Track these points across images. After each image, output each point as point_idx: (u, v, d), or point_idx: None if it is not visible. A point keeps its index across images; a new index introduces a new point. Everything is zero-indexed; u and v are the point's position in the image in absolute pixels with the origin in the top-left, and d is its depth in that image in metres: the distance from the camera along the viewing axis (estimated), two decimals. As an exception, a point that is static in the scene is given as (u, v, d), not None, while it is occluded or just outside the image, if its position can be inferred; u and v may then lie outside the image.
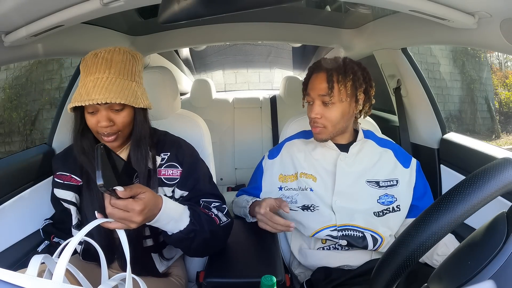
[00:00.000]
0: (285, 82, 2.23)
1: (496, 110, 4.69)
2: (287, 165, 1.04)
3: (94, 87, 0.75)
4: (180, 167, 0.87)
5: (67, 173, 0.89)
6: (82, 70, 0.80)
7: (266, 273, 0.62)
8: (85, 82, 0.78)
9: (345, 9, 1.40)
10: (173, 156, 0.88)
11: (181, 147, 0.91)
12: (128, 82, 0.79)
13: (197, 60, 2.58)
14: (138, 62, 0.84)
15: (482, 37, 0.87)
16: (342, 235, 0.93)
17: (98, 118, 0.79)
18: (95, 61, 0.78)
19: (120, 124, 0.81)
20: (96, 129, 0.81)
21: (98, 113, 0.79)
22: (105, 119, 0.78)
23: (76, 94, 0.77)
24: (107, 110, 0.79)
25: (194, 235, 0.75)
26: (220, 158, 2.12)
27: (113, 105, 0.79)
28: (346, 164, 0.99)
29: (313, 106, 0.97)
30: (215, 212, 0.84)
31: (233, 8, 0.66)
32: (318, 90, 0.95)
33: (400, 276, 0.45)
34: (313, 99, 0.97)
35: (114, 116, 0.80)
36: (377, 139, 1.07)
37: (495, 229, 0.42)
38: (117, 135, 0.82)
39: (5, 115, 3.90)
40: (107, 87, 0.76)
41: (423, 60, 4.16)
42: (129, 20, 1.39)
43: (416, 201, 0.99)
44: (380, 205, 0.96)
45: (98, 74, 0.77)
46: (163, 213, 0.70)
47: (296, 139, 1.09)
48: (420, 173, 1.03)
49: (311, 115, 0.97)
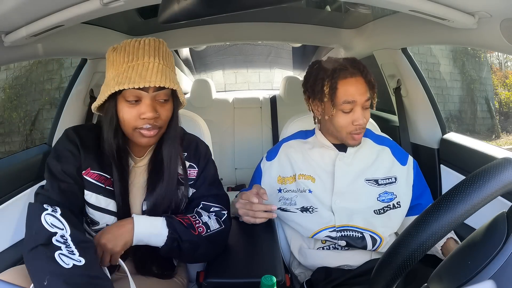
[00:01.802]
0: (285, 82, 2.23)
1: (496, 110, 4.69)
2: (285, 167, 1.03)
3: (147, 70, 0.68)
4: (196, 167, 0.85)
5: (107, 175, 0.76)
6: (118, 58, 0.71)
7: (266, 273, 0.62)
8: (130, 66, 0.69)
9: (345, 9, 1.40)
10: (191, 156, 0.86)
11: (198, 147, 0.88)
12: (173, 73, 0.75)
13: (197, 60, 2.58)
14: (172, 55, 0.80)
15: (482, 37, 0.87)
16: (341, 236, 0.93)
17: (141, 109, 0.70)
18: (141, 46, 0.71)
19: (164, 117, 0.74)
20: (135, 123, 0.71)
21: (142, 102, 0.70)
22: (151, 109, 0.70)
23: (122, 77, 0.68)
24: (152, 99, 0.71)
25: (177, 244, 0.74)
26: (220, 158, 2.11)
27: (159, 95, 0.72)
28: (345, 163, 0.99)
29: (357, 112, 0.91)
30: (205, 219, 0.80)
31: (233, 8, 0.66)
32: (363, 95, 0.90)
33: (400, 276, 0.45)
34: (356, 105, 0.91)
35: (159, 107, 0.72)
36: (374, 136, 1.06)
37: (495, 229, 0.42)
38: (158, 131, 0.74)
39: (5, 115, 3.90)
40: (162, 71, 0.69)
41: (423, 60, 4.16)
42: (129, 20, 1.39)
43: (417, 199, 1.00)
44: (380, 202, 0.96)
45: (148, 58, 0.70)
46: (138, 233, 0.71)
47: (293, 140, 1.07)
48: (417, 171, 1.03)
49: (359, 122, 0.91)
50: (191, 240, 0.76)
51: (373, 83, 0.93)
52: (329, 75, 0.91)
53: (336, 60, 0.95)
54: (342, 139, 0.97)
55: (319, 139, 1.03)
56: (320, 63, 0.97)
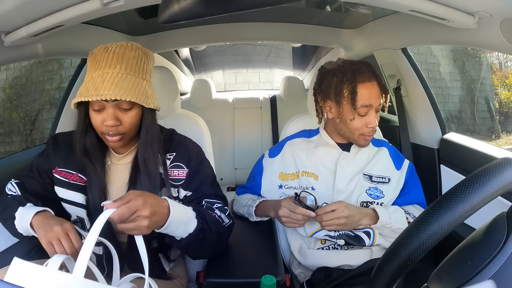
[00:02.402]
0: (285, 82, 2.23)
1: (496, 110, 4.69)
2: (289, 164, 1.04)
3: (103, 82, 0.71)
4: (186, 168, 0.85)
5: (72, 171, 0.83)
6: (89, 65, 0.75)
7: (266, 273, 0.62)
8: (92, 77, 0.73)
9: (345, 9, 1.40)
10: (180, 156, 0.86)
11: (188, 148, 0.88)
12: (139, 80, 0.75)
13: (197, 60, 2.58)
14: (150, 61, 0.80)
15: (482, 37, 0.87)
16: (340, 235, 0.94)
17: (104, 117, 0.74)
18: (106, 55, 0.73)
19: (127, 124, 0.76)
20: (101, 129, 0.76)
21: (105, 111, 0.74)
22: (111, 117, 0.73)
23: (83, 88, 0.73)
24: (114, 108, 0.74)
25: (203, 236, 0.74)
26: (220, 158, 2.11)
27: (121, 103, 0.74)
28: (347, 162, 1.00)
29: (371, 116, 0.93)
30: (218, 213, 0.83)
31: (233, 8, 0.66)
32: (378, 99, 0.93)
33: (400, 276, 0.45)
34: (371, 109, 0.93)
35: (121, 115, 0.75)
36: (373, 139, 1.07)
37: (495, 229, 0.42)
38: (122, 136, 0.77)
39: (5, 115, 3.90)
40: (117, 83, 0.71)
41: (423, 60, 4.16)
42: (129, 20, 1.39)
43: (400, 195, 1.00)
44: (368, 196, 0.97)
45: (108, 69, 0.72)
46: (173, 218, 0.69)
47: (298, 138, 1.09)
48: (411, 175, 1.03)
49: (373, 125, 0.93)
50: (218, 231, 0.77)
51: (386, 88, 0.95)
52: (348, 78, 0.91)
53: (351, 63, 0.95)
54: (353, 139, 0.98)
55: (323, 138, 1.04)
56: (334, 65, 0.97)
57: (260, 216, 1.01)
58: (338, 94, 0.92)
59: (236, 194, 1.15)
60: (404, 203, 1.00)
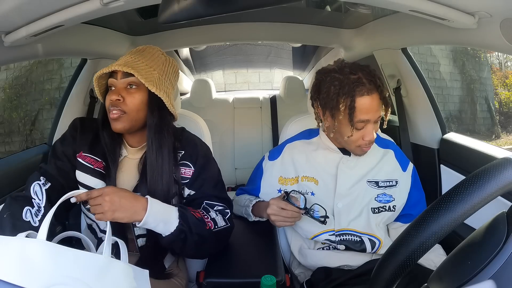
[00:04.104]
0: (285, 82, 2.23)
1: (496, 110, 4.69)
2: (288, 168, 1.02)
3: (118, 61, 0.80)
4: (193, 167, 0.86)
5: (98, 158, 0.85)
6: None
7: (266, 273, 0.62)
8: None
9: (345, 9, 1.40)
10: (188, 155, 0.87)
11: (196, 146, 0.89)
12: (151, 71, 0.81)
13: (197, 60, 2.58)
14: (170, 64, 0.87)
15: (482, 37, 0.87)
16: (340, 240, 0.94)
17: (111, 94, 0.80)
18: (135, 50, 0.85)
19: (130, 103, 0.80)
20: (108, 107, 0.81)
21: (114, 89, 0.81)
22: (116, 93, 0.79)
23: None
24: (122, 86, 0.80)
25: (184, 236, 0.75)
26: (220, 158, 2.11)
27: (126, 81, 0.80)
28: (348, 167, 0.98)
29: (369, 129, 0.88)
30: (213, 215, 0.82)
31: (233, 8, 0.66)
32: (378, 112, 0.87)
33: (400, 276, 0.45)
34: (369, 123, 0.88)
35: (126, 94, 0.80)
36: (379, 139, 1.05)
37: (495, 229, 0.42)
38: (123, 116, 0.80)
39: (5, 115, 3.90)
40: (128, 63, 0.79)
41: (423, 60, 4.15)
42: (129, 20, 1.39)
43: (410, 209, 0.99)
44: (377, 202, 0.96)
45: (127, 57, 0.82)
46: (149, 215, 0.72)
47: (297, 141, 1.06)
48: (415, 178, 1.02)
49: (370, 138, 0.88)
50: (200, 233, 0.77)
51: (387, 101, 0.89)
52: (345, 92, 0.85)
53: (351, 70, 0.87)
54: (350, 150, 0.96)
55: (323, 141, 1.01)
56: (331, 72, 0.90)
57: (257, 216, 1.01)
58: (334, 107, 0.87)
59: (236, 195, 1.15)
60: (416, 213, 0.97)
